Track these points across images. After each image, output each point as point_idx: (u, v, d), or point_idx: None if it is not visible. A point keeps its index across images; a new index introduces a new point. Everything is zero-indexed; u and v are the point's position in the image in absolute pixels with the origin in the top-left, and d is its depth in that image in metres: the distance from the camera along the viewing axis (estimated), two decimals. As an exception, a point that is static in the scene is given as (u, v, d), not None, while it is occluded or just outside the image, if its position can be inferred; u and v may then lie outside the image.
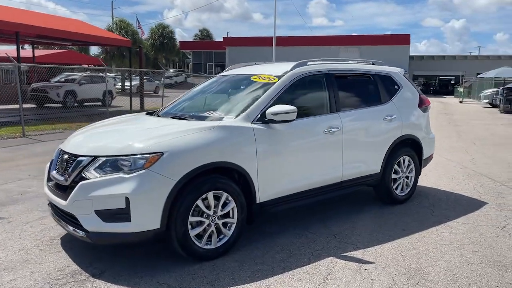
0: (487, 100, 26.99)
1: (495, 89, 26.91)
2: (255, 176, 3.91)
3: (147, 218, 3.38)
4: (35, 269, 3.55)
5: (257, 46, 45.65)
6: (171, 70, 50.78)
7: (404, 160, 5.37)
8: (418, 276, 3.46)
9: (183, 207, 3.49)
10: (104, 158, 3.50)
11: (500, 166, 7.90)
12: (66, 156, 3.80)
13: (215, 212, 3.71)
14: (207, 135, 3.70)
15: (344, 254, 3.87)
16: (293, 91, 4.38)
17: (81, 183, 3.44)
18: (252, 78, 4.62)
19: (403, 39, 46.86)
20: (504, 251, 3.96)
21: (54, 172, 3.89)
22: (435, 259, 3.80)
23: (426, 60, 54.57)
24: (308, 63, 4.72)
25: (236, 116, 4.00)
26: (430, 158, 5.94)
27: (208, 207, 3.65)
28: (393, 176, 5.25)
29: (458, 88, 43.54)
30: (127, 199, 3.31)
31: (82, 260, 3.71)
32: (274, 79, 4.39)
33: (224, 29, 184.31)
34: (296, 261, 3.74)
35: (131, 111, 17.15)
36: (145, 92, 21.61)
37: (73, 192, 3.45)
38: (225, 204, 3.75)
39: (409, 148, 5.46)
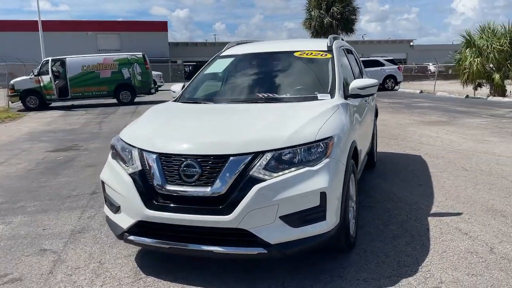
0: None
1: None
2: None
3: (335, 212, 3.02)
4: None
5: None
6: None
7: None
8: None
9: (347, 193, 3.25)
10: (272, 153, 2.88)
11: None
12: (188, 161, 2.90)
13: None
14: (342, 115, 3.48)
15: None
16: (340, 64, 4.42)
17: (257, 186, 2.77)
18: (296, 54, 4.41)
19: (161, 26, 47.93)
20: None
21: (169, 186, 2.92)
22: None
23: (181, 47, 57.17)
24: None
25: (332, 94, 3.84)
26: None
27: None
28: None
29: None
30: (323, 195, 2.87)
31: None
32: (325, 54, 4.35)
33: None
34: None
35: None
36: None
37: (246, 201, 2.76)
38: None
39: None
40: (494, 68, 17.65)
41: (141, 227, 3.09)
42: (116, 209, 3.23)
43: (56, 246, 3.85)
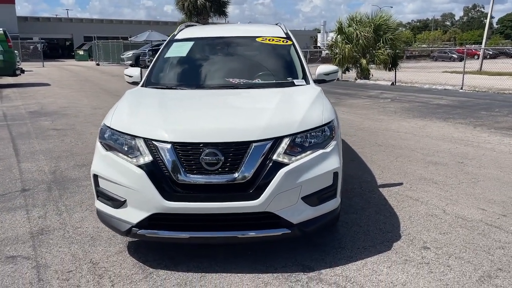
0: (130, 62, 29.43)
1: (133, 51, 29.89)
2: None
3: (340, 188, 3.31)
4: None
5: None
6: None
7: None
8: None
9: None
10: (290, 138, 3.04)
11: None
12: (209, 149, 2.90)
13: None
14: (327, 99, 3.74)
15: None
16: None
17: (283, 170, 2.91)
18: (258, 40, 4.54)
19: (7, -2, 42.29)
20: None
21: (190, 175, 2.89)
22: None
23: (31, 22, 51.20)
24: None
25: (306, 80, 4.09)
26: None
27: None
28: None
29: (79, 51, 44.16)
30: (335, 174, 3.14)
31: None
32: (286, 40, 4.57)
33: None
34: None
35: None
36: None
37: (273, 185, 2.89)
38: None
39: None
40: (360, 54, 19.76)
41: (154, 220, 2.95)
42: (119, 204, 3.01)
43: (23, 251, 3.39)
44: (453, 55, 43.19)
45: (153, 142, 2.95)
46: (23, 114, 10.35)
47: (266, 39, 4.56)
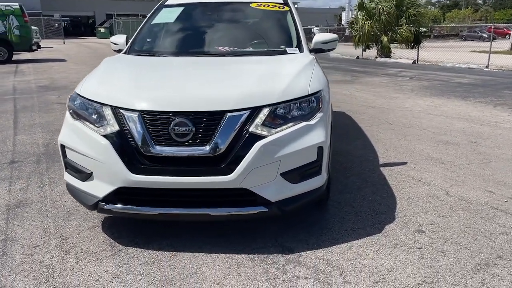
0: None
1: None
2: None
3: (326, 165, 3.03)
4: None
5: None
6: None
7: None
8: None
9: (331, 144, 3.30)
10: (269, 108, 2.76)
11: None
12: (179, 119, 2.65)
13: None
14: (319, 69, 3.44)
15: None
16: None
17: (259, 143, 2.65)
18: (252, 5, 4.23)
19: (30, -27, 42.35)
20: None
21: (157, 147, 2.66)
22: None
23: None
24: None
25: (300, 49, 3.79)
26: None
27: None
28: None
29: (100, 29, 44.24)
30: (320, 149, 2.86)
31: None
32: (283, 6, 4.26)
33: None
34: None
35: None
36: None
37: (248, 160, 2.63)
38: None
39: None
40: (381, 31, 19.05)
41: (121, 194, 2.75)
42: (85, 176, 2.82)
43: (-5, 224, 3.27)
44: (483, 35, 41.31)
45: (120, 110, 2.73)
46: (32, 88, 10.33)
47: (261, 4, 4.25)
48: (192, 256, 2.79)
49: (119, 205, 2.78)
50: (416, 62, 17.64)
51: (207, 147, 2.63)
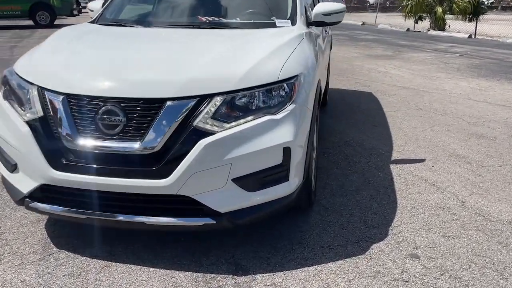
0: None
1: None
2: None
3: (300, 169, 2.46)
4: None
5: None
6: None
7: None
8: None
9: (312, 142, 2.71)
10: (224, 96, 2.20)
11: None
12: (108, 106, 2.17)
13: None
14: (307, 47, 2.82)
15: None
16: None
17: (204, 141, 2.12)
18: None
19: None
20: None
21: (82, 139, 2.19)
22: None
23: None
24: None
25: (293, 21, 3.14)
26: None
27: None
28: None
29: None
30: (287, 150, 2.28)
31: None
32: None
33: None
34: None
35: None
36: None
37: (188, 161, 2.11)
38: None
39: None
40: (436, 1, 17.45)
41: (48, 192, 2.34)
42: (12, 167, 2.42)
43: None
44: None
45: (46, 92, 2.28)
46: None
47: None
48: (127, 270, 2.36)
49: (45, 205, 2.37)
50: (472, 37, 16.07)
51: (139, 144, 2.14)
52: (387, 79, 7.80)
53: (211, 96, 2.19)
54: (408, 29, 18.75)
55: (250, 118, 2.24)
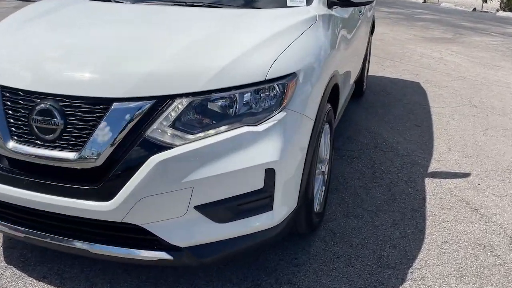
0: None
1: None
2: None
3: (290, 195, 1.91)
4: None
5: None
6: None
7: None
8: None
9: (314, 159, 2.12)
10: (190, 99, 1.68)
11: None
12: (44, 105, 1.71)
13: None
14: (319, 34, 2.22)
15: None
16: None
17: (157, 157, 1.63)
18: None
19: None
20: None
21: (13, 143, 1.77)
22: None
23: None
24: None
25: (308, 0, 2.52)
26: None
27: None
28: None
29: None
30: (269, 172, 1.74)
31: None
32: None
33: None
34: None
35: None
36: None
37: (136, 181, 1.63)
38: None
39: None
40: (509, -22, 15.72)
41: None
42: None
43: None
44: None
45: None
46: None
47: None
48: (72, 302, 1.96)
49: (-16, 217, 2.00)
50: (548, 20, 14.35)
51: (76, 154, 1.69)
52: (441, 66, 6.91)
53: (172, 97, 1.69)
54: (474, 9, 17.11)
55: (223, 128, 1.72)
